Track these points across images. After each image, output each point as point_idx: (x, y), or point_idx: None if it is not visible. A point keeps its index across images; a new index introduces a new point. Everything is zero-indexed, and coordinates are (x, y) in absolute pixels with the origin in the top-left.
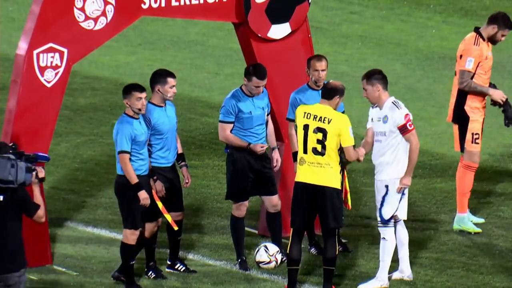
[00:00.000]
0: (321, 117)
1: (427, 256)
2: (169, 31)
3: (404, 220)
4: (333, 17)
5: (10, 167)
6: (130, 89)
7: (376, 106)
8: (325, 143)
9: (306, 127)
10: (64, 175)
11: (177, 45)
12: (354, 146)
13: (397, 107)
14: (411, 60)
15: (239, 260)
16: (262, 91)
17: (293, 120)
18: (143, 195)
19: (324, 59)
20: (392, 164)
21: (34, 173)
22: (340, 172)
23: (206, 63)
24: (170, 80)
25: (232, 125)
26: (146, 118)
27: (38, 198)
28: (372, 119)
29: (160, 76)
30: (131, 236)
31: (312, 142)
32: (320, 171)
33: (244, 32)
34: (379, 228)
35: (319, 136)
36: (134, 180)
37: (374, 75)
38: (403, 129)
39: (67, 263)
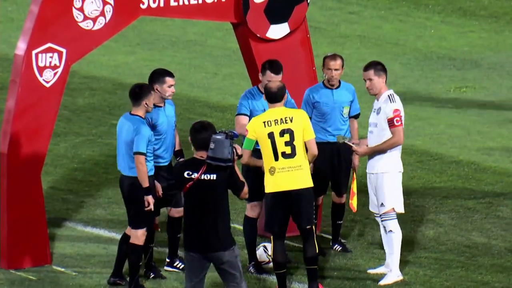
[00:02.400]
0: (281, 119)
1: (426, 256)
2: (168, 31)
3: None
4: (331, 17)
5: (229, 145)
6: (163, 74)
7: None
8: (294, 143)
9: (271, 135)
10: (63, 175)
11: (176, 45)
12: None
13: (391, 101)
14: (409, 60)
15: (253, 263)
16: None
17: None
18: (151, 199)
19: (339, 58)
20: (383, 157)
21: (234, 150)
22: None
23: (205, 63)
24: (168, 80)
25: (246, 117)
26: (146, 118)
27: (240, 175)
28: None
29: (158, 76)
30: (142, 237)
31: (280, 147)
32: (292, 175)
33: (242, 32)
34: (383, 222)
35: (286, 138)
36: (146, 183)
37: (379, 66)
38: (390, 123)
39: (66, 263)
